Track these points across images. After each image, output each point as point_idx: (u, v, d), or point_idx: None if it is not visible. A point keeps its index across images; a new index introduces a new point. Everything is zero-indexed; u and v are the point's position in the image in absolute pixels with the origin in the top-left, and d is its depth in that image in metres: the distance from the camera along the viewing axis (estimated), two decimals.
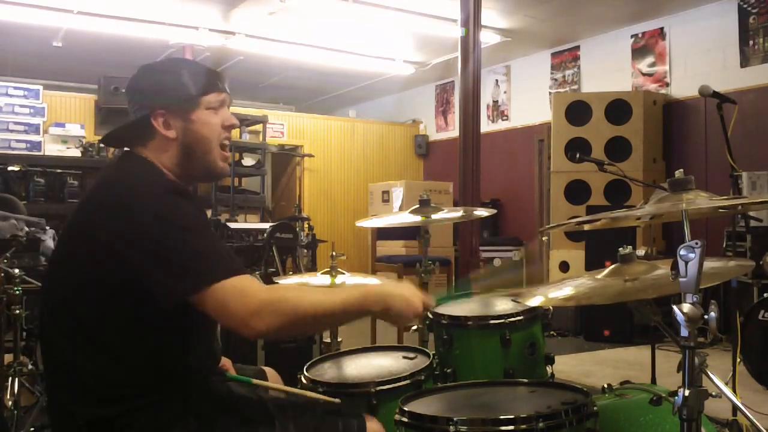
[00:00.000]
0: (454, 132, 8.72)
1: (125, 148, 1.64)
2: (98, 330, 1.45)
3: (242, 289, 1.38)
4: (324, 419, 1.63)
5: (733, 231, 4.07)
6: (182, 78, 1.59)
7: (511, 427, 1.53)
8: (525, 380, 2.00)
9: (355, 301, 1.50)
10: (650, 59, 6.98)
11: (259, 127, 8.54)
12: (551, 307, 2.22)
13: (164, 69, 1.64)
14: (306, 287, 1.52)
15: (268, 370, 2.02)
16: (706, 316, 1.26)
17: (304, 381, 2.06)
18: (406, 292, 1.56)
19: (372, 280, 2.84)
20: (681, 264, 1.25)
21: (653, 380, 3.34)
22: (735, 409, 2.72)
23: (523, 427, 1.53)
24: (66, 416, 1.48)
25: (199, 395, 1.53)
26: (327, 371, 2.16)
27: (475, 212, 3.22)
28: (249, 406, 1.58)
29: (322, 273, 2.69)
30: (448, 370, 2.22)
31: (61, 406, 1.49)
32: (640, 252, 4.75)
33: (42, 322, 1.59)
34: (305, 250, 5.80)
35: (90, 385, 1.45)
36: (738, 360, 3.08)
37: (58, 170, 6.76)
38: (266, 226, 5.16)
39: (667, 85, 6.82)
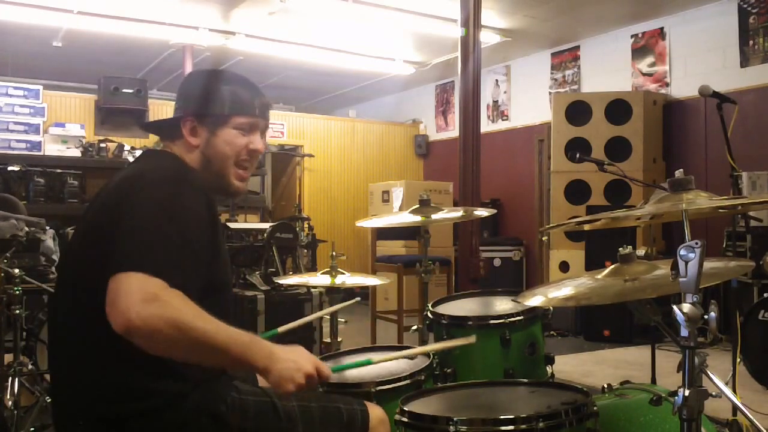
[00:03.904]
0: (454, 132, 8.72)
1: (149, 147, 1.69)
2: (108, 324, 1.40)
3: (143, 282, 1.29)
4: (328, 407, 1.64)
5: (733, 231, 4.06)
6: (220, 93, 1.66)
7: (511, 427, 1.54)
8: (525, 380, 2.00)
9: (239, 345, 1.35)
10: (650, 59, 6.98)
11: None
12: (551, 307, 2.22)
13: (209, 80, 1.71)
14: (204, 313, 1.33)
15: None
16: (706, 316, 1.26)
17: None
18: (297, 357, 1.41)
19: (372, 280, 2.85)
20: (681, 264, 1.25)
21: (653, 380, 3.34)
22: (735, 409, 2.72)
23: (523, 427, 1.53)
24: (74, 418, 1.46)
25: (209, 394, 1.52)
26: None
27: (475, 212, 3.22)
28: (254, 398, 1.58)
29: (322, 273, 2.70)
30: (448, 370, 2.22)
31: (74, 405, 1.47)
32: (640, 252, 4.74)
33: (54, 320, 1.56)
34: (305, 250, 5.79)
35: (107, 383, 1.43)
36: (738, 360, 3.08)
37: (58, 170, 6.75)
38: (266, 226, 5.15)
39: (667, 85, 6.82)
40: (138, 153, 6.81)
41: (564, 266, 6.64)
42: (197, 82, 1.71)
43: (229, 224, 5.41)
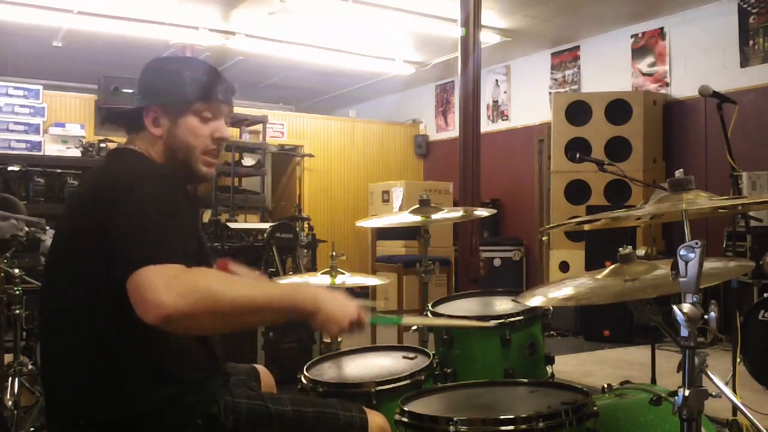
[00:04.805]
0: (454, 132, 8.72)
1: (117, 145, 1.67)
2: (102, 327, 1.43)
3: (160, 271, 1.28)
4: (324, 413, 1.62)
5: (733, 231, 4.07)
6: (182, 80, 1.61)
7: (511, 427, 1.53)
8: (525, 380, 2.00)
9: (283, 297, 1.40)
10: (650, 59, 6.98)
11: (259, 127, 8.54)
12: (551, 307, 2.22)
13: (169, 67, 1.68)
14: (233, 277, 1.38)
15: (260, 369, 2.01)
16: (706, 316, 1.26)
17: (303, 381, 2.06)
18: (343, 301, 1.46)
19: (372, 280, 2.85)
20: (681, 264, 1.25)
21: (653, 380, 3.34)
22: (735, 409, 2.72)
23: (523, 427, 1.53)
24: (71, 419, 1.47)
25: (202, 396, 1.51)
26: (327, 371, 2.16)
27: (475, 212, 3.22)
28: (247, 401, 1.57)
29: (322, 273, 2.70)
30: (448, 370, 2.22)
31: (69, 407, 1.47)
32: (640, 252, 4.74)
33: (46, 322, 1.56)
34: (305, 250, 5.79)
35: (102, 386, 1.43)
36: (738, 360, 3.08)
37: (58, 170, 6.74)
38: (266, 226, 5.15)
39: (667, 85, 6.82)
40: None
41: (564, 266, 6.64)
42: (157, 70, 1.65)
43: (229, 224, 5.40)
